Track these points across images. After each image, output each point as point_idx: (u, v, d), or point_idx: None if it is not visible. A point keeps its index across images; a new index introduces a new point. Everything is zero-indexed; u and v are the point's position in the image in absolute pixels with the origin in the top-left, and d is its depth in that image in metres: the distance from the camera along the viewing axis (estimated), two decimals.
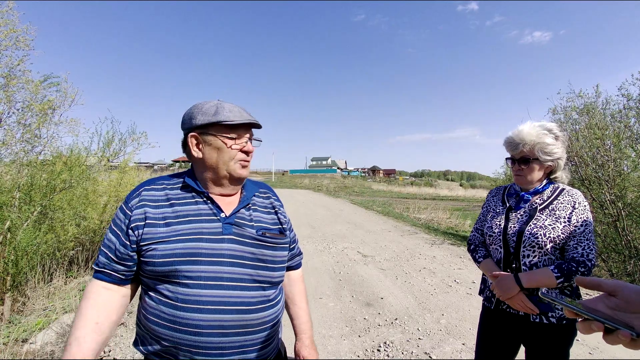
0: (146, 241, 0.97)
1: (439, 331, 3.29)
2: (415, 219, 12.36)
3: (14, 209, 4.61)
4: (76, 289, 4.96)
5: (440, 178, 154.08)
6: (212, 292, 0.95)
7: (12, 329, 3.91)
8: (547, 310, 1.36)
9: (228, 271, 0.98)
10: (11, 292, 4.69)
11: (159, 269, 0.96)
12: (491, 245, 1.55)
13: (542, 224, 1.40)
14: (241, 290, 0.99)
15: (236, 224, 1.04)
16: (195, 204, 1.04)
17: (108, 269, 1.00)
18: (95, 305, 0.97)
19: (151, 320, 0.98)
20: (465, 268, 5.46)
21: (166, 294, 0.96)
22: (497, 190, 1.70)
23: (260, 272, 1.03)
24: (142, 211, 1.00)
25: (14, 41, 4.12)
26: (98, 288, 0.99)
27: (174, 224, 0.99)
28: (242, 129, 1.07)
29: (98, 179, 6.42)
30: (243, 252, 1.02)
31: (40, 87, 4.49)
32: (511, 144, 1.49)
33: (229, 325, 0.96)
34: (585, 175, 5.44)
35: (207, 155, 1.05)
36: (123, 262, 1.00)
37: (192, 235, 0.98)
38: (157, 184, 1.08)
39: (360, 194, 30.55)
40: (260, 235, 1.06)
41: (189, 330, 0.94)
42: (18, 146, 4.62)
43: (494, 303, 1.52)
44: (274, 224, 1.14)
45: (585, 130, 5.31)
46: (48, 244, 5.11)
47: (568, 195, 1.43)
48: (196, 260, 0.96)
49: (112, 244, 1.00)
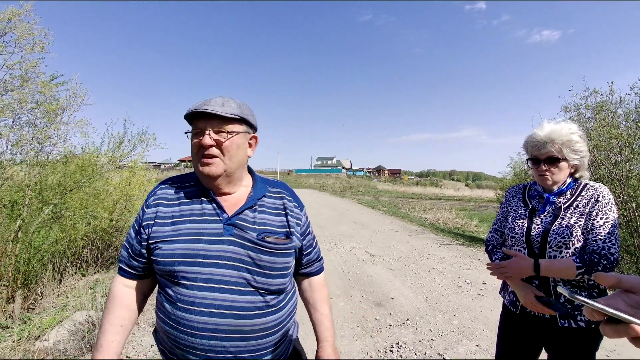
0: (154, 239, 0.98)
1: (452, 332, 3.25)
2: (422, 219, 12.30)
3: (26, 207, 4.66)
4: (87, 286, 5.00)
5: (446, 178, 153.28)
6: (206, 295, 0.93)
7: (23, 326, 3.94)
8: (559, 311, 1.27)
9: (224, 274, 0.95)
10: (22, 290, 4.74)
11: (162, 267, 0.97)
12: (513, 247, 1.49)
13: (568, 222, 1.35)
14: (237, 295, 0.95)
15: (237, 225, 0.99)
16: (201, 203, 1.02)
17: (127, 265, 1.04)
18: (120, 306, 1.02)
19: (159, 317, 1.01)
20: (475, 269, 5.40)
21: (169, 292, 0.97)
22: (517, 189, 1.63)
23: (256, 278, 0.98)
24: (155, 210, 1.02)
25: (32, 44, 4.16)
26: (121, 287, 1.04)
27: (179, 223, 0.99)
28: (202, 121, 0.97)
29: (108, 178, 6.47)
30: (241, 255, 0.97)
31: (49, 87, 4.53)
32: (537, 144, 1.43)
33: (223, 329, 0.93)
34: (598, 175, 5.36)
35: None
36: (138, 258, 1.03)
37: (193, 236, 0.96)
38: (172, 182, 1.08)
39: (365, 193, 30.49)
40: (260, 240, 0.99)
41: (185, 331, 0.94)
42: (29, 146, 4.67)
43: (520, 307, 1.46)
44: (281, 227, 1.05)
45: (598, 129, 5.22)
46: (59, 242, 5.15)
47: (592, 190, 1.38)
48: (194, 262, 0.94)
49: (131, 239, 1.04)
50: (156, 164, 58.34)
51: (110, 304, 1.02)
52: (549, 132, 1.40)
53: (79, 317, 3.71)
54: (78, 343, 3.21)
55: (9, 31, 4.28)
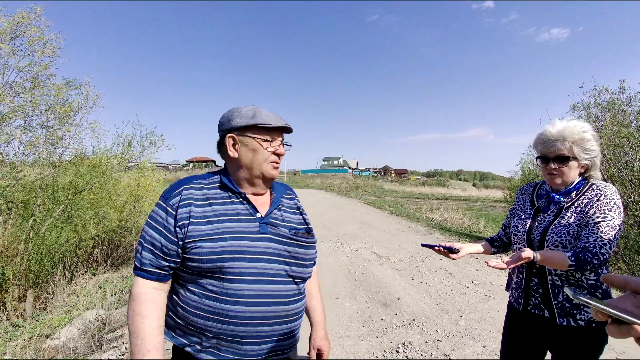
0: (191, 239, 1.01)
1: (458, 333, 3.24)
2: (429, 219, 12.23)
3: (38, 207, 4.75)
4: (97, 286, 5.08)
5: (453, 178, 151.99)
6: (254, 287, 1.02)
7: (34, 325, 4.02)
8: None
9: (267, 267, 1.05)
10: (34, 289, 4.83)
11: (205, 265, 1.00)
12: (516, 244, 1.51)
13: (567, 222, 1.34)
14: (278, 285, 1.06)
15: (271, 223, 1.11)
16: (232, 204, 1.10)
17: (153, 266, 1.03)
18: (155, 308, 1.01)
19: (193, 313, 1.02)
20: (482, 269, 5.36)
21: (211, 288, 1.01)
22: (527, 188, 1.63)
23: (294, 269, 1.11)
24: (188, 210, 1.04)
25: (42, 47, 4.25)
26: (148, 289, 1.02)
27: (215, 222, 1.04)
28: (276, 133, 1.14)
29: (118, 179, 6.57)
30: (279, 250, 1.09)
31: (61, 90, 4.62)
32: (547, 142, 1.39)
33: (269, 316, 1.04)
34: (608, 175, 5.28)
35: (242, 156, 1.11)
36: (169, 258, 1.03)
37: (235, 234, 1.04)
38: (195, 183, 1.11)
39: (372, 193, 30.42)
40: (293, 235, 1.13)
41: (233, 322, 1.00)
42: (41, 147, 4.76)
43: (522, 305, 1.46)
44: (301, 224, 1.20)
45: (609, 128, 5.15)
46: (70, 242, 5.24)
47: (596, 189, 1.35)
48: (240, 257, 1.02)
49: (155, 240, 1.03)
50: (164, 164, 58.90)
51: (143, 308, 0.99)
52: (560, 130, 1.37)
53: (89, 315, 3.77)
54: (88, 341, 3.27)
55: (20, 34, 4.38)
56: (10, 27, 4.22)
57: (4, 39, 4.18)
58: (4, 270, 4.37)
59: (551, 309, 1.36)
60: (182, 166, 64.90)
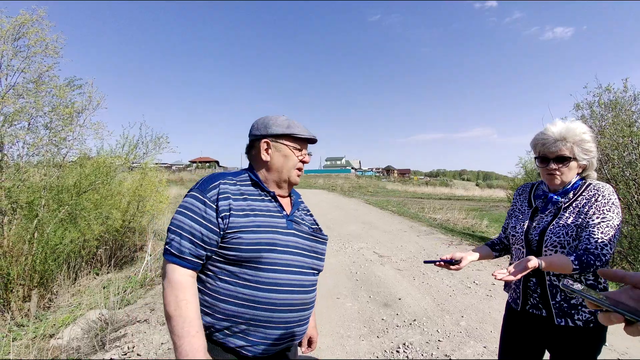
0: (232, 229, 1.10)
1: (459, 333, 3.24)
2: (431, 219, 12.20)
3: (42, 208, 4.79)
4: (100, 286, 5.12)
5: (456, 178, 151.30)
6: (285, 277, 1.14)
7: (39, 325, 4.06)
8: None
9: (296, 259, 1.17)
10: (38, 289, 4.87)
11: (245, 255, 1.09)
12: (514, 245, 1.51)
13: (565, 222, 1.35)
14: (304, 275, 1.19)
15: (295, 221, 1.24)
16: (263, 201, 1.21)
17: (193, 255, 1.08)
18: (194, 295, 1.07)
19: (224, 301, 1.10)
20: (485, 269, 5.35)
21: (245, 277, 1.10)
22: (524, 189, 1.64)
23: (314, 262, 1.25)
24: (227, 202, 1.12)
25: (44, 48, 4.28)
26: (186, 277, 1.07)
27: (252, 215, 1.14)
28: (305, 143, 1.30)
29: (121, 179, 6.61)
30: (303, 244, 1.21)
31: (66, 91, 4.65)
32: (548, 142, 1.39)
33: (295, 303, 1.16)
34: (611, 175, 5.25)
35: (274, 160, 1.24)
36: (208, 247, 1.10)
37: (270, 228, 1.14)
38: (228, 179, 1.19)
39: (374, 193, 30.38)
40: (313, 232, 1.27)
41: (265, 308, 1.10)
42: (45, 148, 4.80)
43: (520, 305, 1.46)
44: (313, 224, 1.35)
45: (612, 127, 5.11)
46: (74, 242, 5.28)
47: (594, 189, 1.36)
48: (274, 249, 1.13)
49: (195, 230, 1.08)
50: (168, 164, 59.15)
51: (187, 294, 1.04)
52: (561, 130, 1.37)
53: (92, 315, 3.80)
54: (91, 341, 3.29)
55: (22, 36, 4.42)
56: (12, 28, 4.26)
57: (7, 41, 4.22)
58: (8, 270, 4.42)
59: (549, 309, 1.37)
60: (186, 166, 65.11)
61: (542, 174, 1.47)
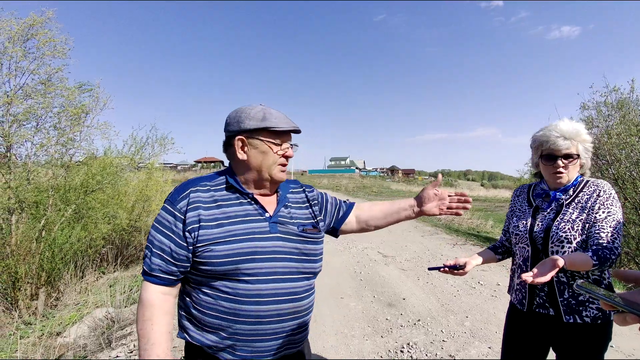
0: (202, 242, 1.01)
1: (464, 333, 3.22)
2: (436, 219, 12.15)
3: (50, 207, 4.85)
4: (106, 284, 5.17)
5: (461, 178, 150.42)
6: (269, 286, 1.04)
7: (45, 322, 4.11)
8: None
9: (281, 266, 1.07)
10: (45, 288, 4.93)
11: (218, 268, 1.01)
12: (518, 244, 1.52)
13: (570, 218, 1.38)
14: (292, 282, 1.09)
15: (280, 222, 1.12)
16: (240, 205, 1.10)
17: (163, 271, 1.03)
18: (164, 314, 1.02)
19: (207, 314, 1.04)
20: (489, 270, 5.32)
21: (225, 290, 1.02)
22: (522, 190, 1.67)
23: (305, 265, 1.13)
24: (196, 213, 1.03)
25: (52, 49, 4.33)
26: (158, 294, 1.03)
27: (226, 224, 1.04)
28: (285, 135, 1.14)
29: (127, 180, 6.67)
30: (290, 248, 1.10)
31: (75, 93, 4.71)
32: (557, 141, 1.40)
33: (284, 312, 1.07)
34: (618, 174, 5.20)
35: (252, 158, 1.10)
36: (179, 262, 1.03)
37: (246, 235, 1.04)
38: (201, 186, 1.10)
39: (379, 194, 30.33)
40: (302, 232, 1.15)
41: (249, 321, 1.03)
42: (53, 148, 4.86)
43: (526, 305, 1.45)
44: (308, 219, 1.20)
45: (619, 127, 5.06)
46: (81, 241, 5.33)
47: (593, 185, 1.42)
48: (254, 258, 1.03)
49: (164, 245, 1.02)
50: (173, 164, 59.51)
51: (152, 313, 1.00)
52: (570, 129, 1.40)
53: (98, 313, 3.85)
54: (97, 339, 3.33)
55: (31, 37, 4.48)
56: (21, 29, 4.32)
57: (16, 42, 4.28)
58: (17, 268, 4.48)
59: (557, 307, 1.37)
60: (191, 166, 65.46)
61: (546, 172, 1.48)
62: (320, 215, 1.27)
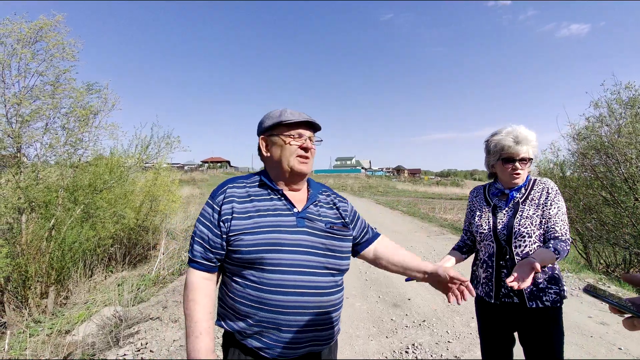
0: (234, 232, 1.11)
1: (469, 335, 3.20)
2: (442, 220, 12.08)
3: (59, 207, 4.92)
4: (114, 283, 5.23)
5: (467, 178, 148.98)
6: (293, 278, 1.09)
7: (55, 321, 4.18)
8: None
9: (305, 259, 1.12)
10: (55, 286, 5.01)
11: (246, 256, 1.09)
12: (482, 242, 1.66)
13: (527, 214, 1.55)
14: (316, 276, 1.13)
15: (308, 218, 1.18)
16: (271, 200, 1.18)
17: (203, 258, 1.14)
18: (205, 295, 1.12)
19: (238, 302, 1.11)
20: None
21: (252, 278, 1.10)
22: (478, 191, 1.81)
23: (330, 261, 1.17)
24: (230, 206, 1.14)
25: (61, 51, 4.40)
26: (200, 279, 1.13)
27: (255, 217, 1.13)
28: (302, 129, 1.21)
29: (134, 179, 6.73)
30: (316, 242, 1.15)
31: (84, 94, 4.77)
32: (514, 145, 1.56)
33: (307, 305, 1.10)
34: (629, 174, 5.10)
35: (273, 154, 1.21)
36: (215, 250, 1.13)
37: (272, 227, 1.12)
38: (238, 183, 1.21)
39: (384, 193, 30.23)
40: (329, 228, 1.19)
41: (273, 310, 1.08)
42: (62, 149, 4.93)
43: (493, 297, 1.59)
44: (337, 218, 1.26)
45: (630, 126, 4.97)
46: (90, 240, 5.40)
47: (541, 184, 1.60)
48: (278, 249, 1.09)
49: (204, 234, 1.14)
50: (180, 164, 60.00)
51: (196, 295, 1.11)
52: (527, 135, 1.56)
53: (106, 312, 3.89)
54: (105, 337, 3.37)
55: (40, 39, 4.55)
56: (31, 32, 4.39)
57: (25, 44, 4.35)
58: (27, 267, 4.56)
59: (521, 296, 1.53)
60: (198, 166, 65.92)
61: (504, 173, 1.62)
62: (351, 225, 1.31)
